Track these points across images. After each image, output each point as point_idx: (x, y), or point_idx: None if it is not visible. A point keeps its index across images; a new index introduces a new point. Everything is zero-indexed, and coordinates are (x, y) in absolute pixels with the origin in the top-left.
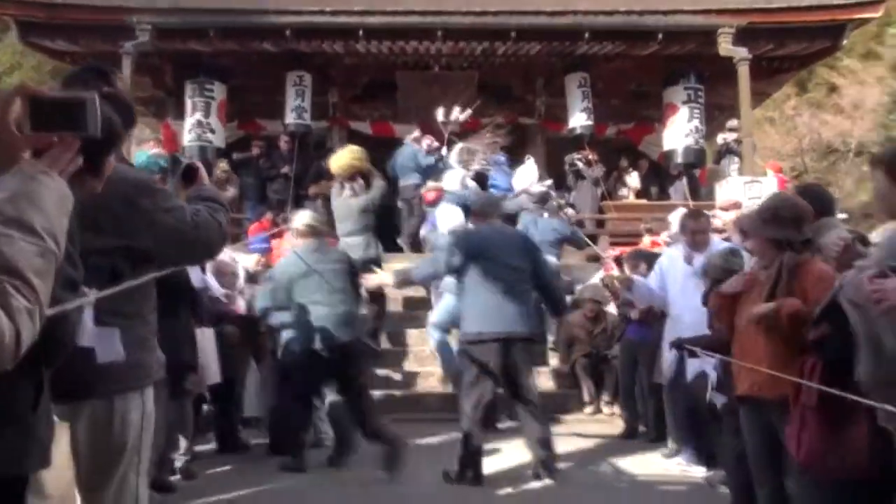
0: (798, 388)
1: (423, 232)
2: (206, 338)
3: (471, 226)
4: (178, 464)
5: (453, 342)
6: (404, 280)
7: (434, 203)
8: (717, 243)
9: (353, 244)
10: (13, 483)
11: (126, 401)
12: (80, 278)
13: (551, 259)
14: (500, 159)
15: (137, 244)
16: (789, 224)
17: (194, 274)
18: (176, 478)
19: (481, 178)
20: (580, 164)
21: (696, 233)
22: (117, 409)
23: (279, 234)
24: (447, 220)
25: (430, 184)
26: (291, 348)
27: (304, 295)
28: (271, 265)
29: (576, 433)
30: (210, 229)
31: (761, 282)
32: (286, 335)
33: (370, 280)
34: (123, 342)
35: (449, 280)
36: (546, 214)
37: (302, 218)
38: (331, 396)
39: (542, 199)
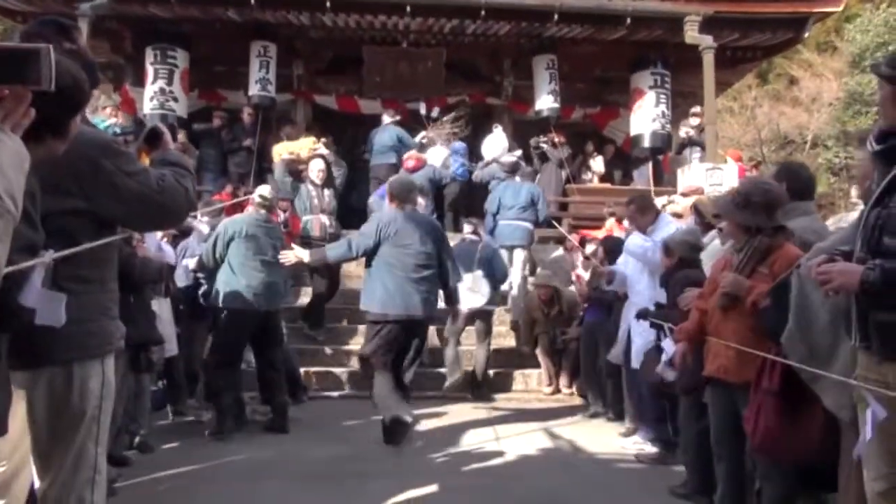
0: (760, 374)
1: (370, 199)
2: (163, 309)
3: (392, 209)
4: (136, 438)
5: None
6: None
7: (413, 171)
8: (666, 222)
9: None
10: None
11: (86, 368)
12: (41, 241)
13: (526, 225)
14: (459, 147)
15: (101, 208)
16: (760, 210)
17: (150, 239)
18: (132, 452)
19: None
20: (545, 147)
21: (628, 219)
22: (76, 376)
23: (241, 207)
24: None
25: (413, 152)
26: (221, 307)
27: (239, 257)
28: None
29: (535, 411)
30: (176, 194)
31: (733, 263)
32: (218, 296)
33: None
34: (85, 308)
35: None
36: (518, 179)
37: (259, 190)
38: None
39: (514, 169)
